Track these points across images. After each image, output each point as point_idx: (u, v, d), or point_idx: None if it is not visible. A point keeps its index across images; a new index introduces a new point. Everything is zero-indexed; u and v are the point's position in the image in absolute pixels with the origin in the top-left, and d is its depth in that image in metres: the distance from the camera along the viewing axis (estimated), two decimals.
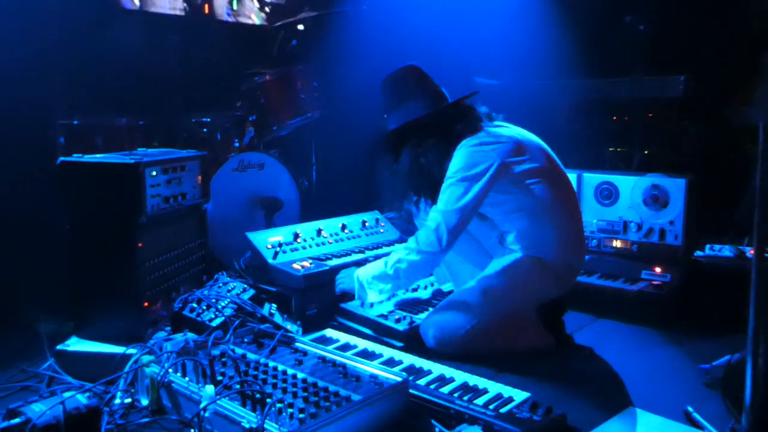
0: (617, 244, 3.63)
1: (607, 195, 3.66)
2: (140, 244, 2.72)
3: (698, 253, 3.69)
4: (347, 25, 4.87)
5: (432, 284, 3.54)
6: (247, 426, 1.91)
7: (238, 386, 2.11)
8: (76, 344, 2.67)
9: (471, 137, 2.86)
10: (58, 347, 2.64)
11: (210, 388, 2.06)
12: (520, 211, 2.86)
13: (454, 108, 2.98)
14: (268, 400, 2.02)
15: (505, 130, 2.94)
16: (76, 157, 2.75)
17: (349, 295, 3.13)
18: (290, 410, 2.00)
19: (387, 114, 3.04)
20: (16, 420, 1.94)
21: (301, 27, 4.93)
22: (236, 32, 5.13)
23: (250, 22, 5.31)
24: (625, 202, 3.61)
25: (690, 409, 2.28)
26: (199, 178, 3.15)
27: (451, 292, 3.30)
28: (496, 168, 2.78)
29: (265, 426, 1.89)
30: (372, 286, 2.95)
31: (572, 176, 3.69)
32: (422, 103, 2.94)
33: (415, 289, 3.46)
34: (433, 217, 2.84)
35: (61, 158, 2.72)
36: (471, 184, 2.78)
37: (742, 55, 3.63)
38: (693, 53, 4.16)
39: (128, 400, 2.30)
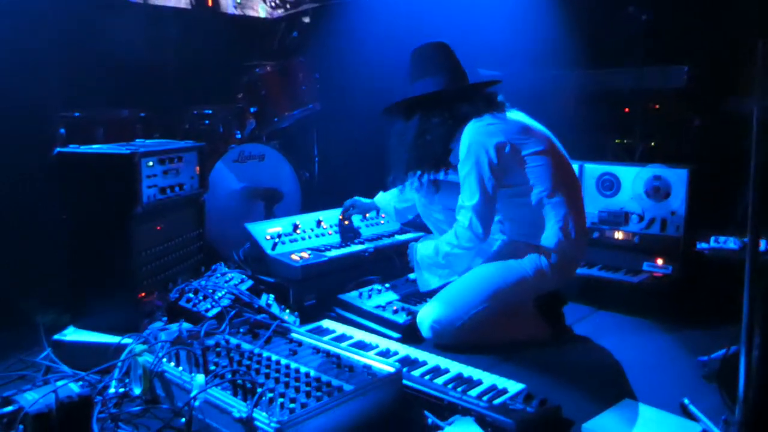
0: (618, 235, 3.59)
1: (609, 186, 3.63)
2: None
3: (703, 244, 3.64)
4: (349, 17, 4.84)
5: None
6: (237, 415, 1.91)
7: (229, 375, 2.11)
8: (72, 334, 2.68)
9: (477, 119, 2.88)
10: (55, 337, 2.65)
11: (200, 378, 2.06)
12: (521, 197, 2.87)
13: (469, 90, 3.00)
14: (259, 389, 2.02)
15: (511, 114, 2.96)
16: (72, 148, 2.75)
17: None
18: (281, 400, 1.99)
19: (411, 83, 3.05)
20: (9, 408, 1.95)
21: (304, 19, 4.91)
22: (238, 24, 5.12)
23: (254, 14, 5.29)
24: (626, 193, 3.58)
25: (686, 401, 2.26)
26: (197, 168, 3.15)
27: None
28: (501, 144, 2.81)
29: (255, 415, 1.88)
30: (432, 272, 3.03)
31: (574, 167, 3.68)
32: (442, 79, 2.96)
33: (416, 279, 3.45)
34: (463, 214, 2.86)
35: (58, 149, 2.72)
36: (481, 168, 2.81)
37: (742, 45, 3.58)
38: (696, 43, 4.11)
39: (122, 390, 2.30)
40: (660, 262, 3.41)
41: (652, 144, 4.56)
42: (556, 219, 2.83)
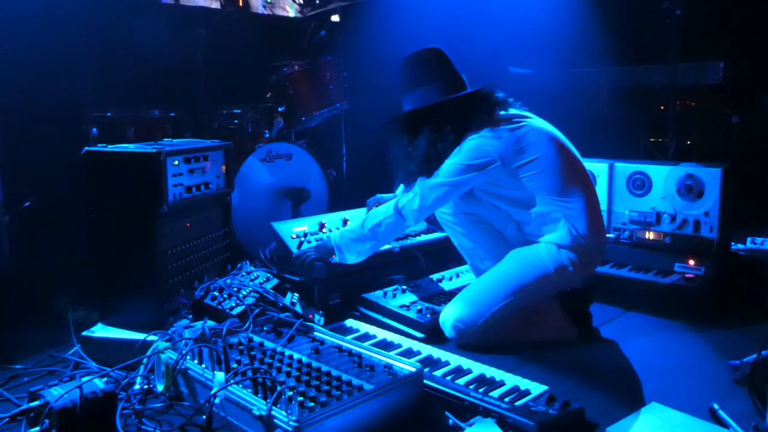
0: (650, 235, 3.51)
1: (640, 185, 3.55)
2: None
3: (739, 245, 3.55)
4: (378, 15, 4.84)
5: (457, 275, 3.51)
6: (257, 413, 1.92)
7: (250, 373, 2.12)
8: (100, 331, 2.73)
9: (475, 133, 2.83)
10: (84, 333, 2.70)
11: (220, 375, 2.07)
12: (530, 201, 2.85)
13: (470, 98, 2.94)
14: (279, 387, 2.02)
15: (510, 125, 2.87)
16: (100, 147, 2.80)
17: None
18: (300, 398, 1.99)
19: (404, 94, 3.00)
20: (36, 402, 1.99)
21: (334, 18, 4.92)
22: (267, 24, 5.16)
23: (284, 14, 5.33)
24: (658, 193, 3.50)
25: (716, 406, 2.19)
26: (224, 167, 3.18)
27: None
28: (490, 163, 2.80)
29: (273, 413, 1.89)
30: (350, 249, 3.06)
31: (603, 166, 3.63)
32: (441, 87, 2.91)
33: (440, 280, 3.44)
34: (415, 189, 2.91)
35: (86, 148, 2.77)
36: (460, 172, 2.82)
37: None
38: (732, 38, 4.00)
39: (147, 386, 2.33)
40: (692, 263, 3.32)
41: (688, 142, 4.47)
42: (567, 217, 2.80)
